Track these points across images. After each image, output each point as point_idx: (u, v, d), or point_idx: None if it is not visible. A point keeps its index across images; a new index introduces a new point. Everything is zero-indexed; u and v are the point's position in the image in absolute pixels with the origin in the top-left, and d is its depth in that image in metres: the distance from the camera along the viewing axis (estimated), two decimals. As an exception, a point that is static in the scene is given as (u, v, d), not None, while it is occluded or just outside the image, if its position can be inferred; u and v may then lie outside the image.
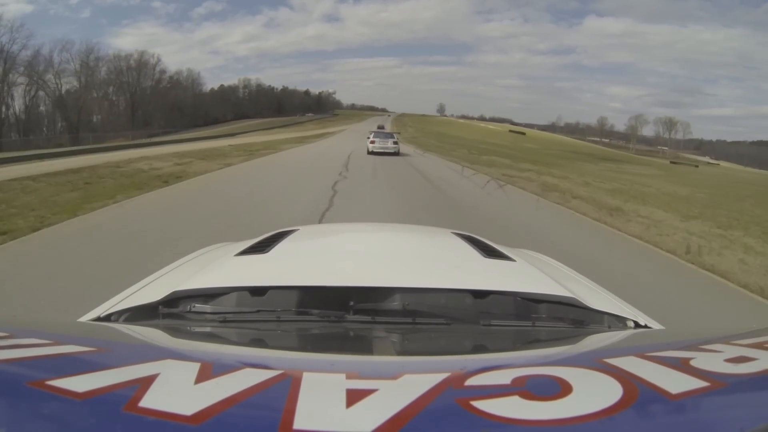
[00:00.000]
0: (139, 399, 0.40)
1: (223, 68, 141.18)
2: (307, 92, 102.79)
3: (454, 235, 1.47)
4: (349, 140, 25.82)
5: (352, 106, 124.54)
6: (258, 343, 0.86)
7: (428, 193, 8.59)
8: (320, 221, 5.29)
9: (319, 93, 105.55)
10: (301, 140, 26.69)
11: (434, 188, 9.28)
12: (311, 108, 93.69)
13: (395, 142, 18.21)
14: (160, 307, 0.91)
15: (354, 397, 0.42)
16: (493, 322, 0.88)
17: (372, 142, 17.83)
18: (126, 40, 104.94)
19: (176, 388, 0.45)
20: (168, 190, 7.72)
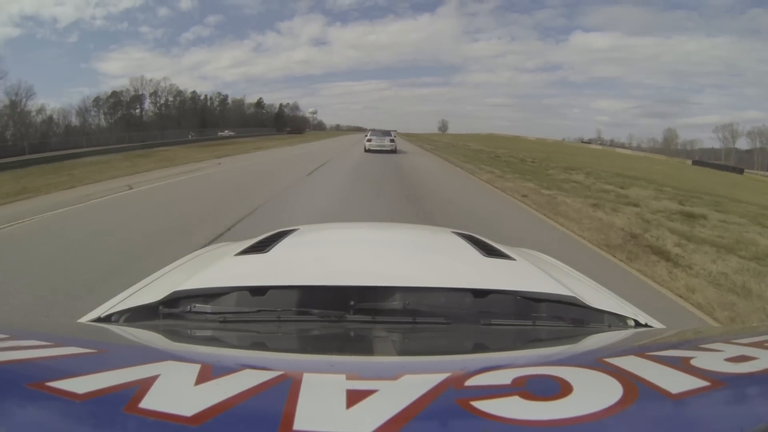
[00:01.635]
0: (140, 400, 0.40)
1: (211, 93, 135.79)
2: (259, 103, 74.31)
3: (454, 235, 1.47)
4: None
5: (337, 127, 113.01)
6: (258, 343, 0.86)
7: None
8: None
9: (280, 105, 79.27)
10: None
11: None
12: (264, 124, 66.38)
13: (392, 140, 18.85)
14: (161, 307, 0.91)
15: (354, 397, 0.42)
16: (494, 321, 0.88)
17: (369, 140, 18.71)
18: (113, 65, 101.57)
19: (176, 390, 0.45)
20: None
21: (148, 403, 0.40)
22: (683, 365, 0.52)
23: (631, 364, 0.54)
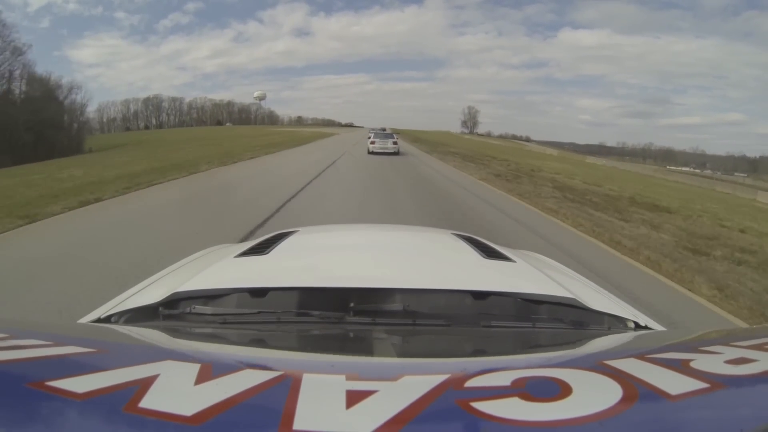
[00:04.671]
0: (139, 399, 0.40)
1: (190, 85, 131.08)
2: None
3: (454, 236, 1.47)
4: None
5: (298, 120, 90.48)
6: (258, 344, 0.86)
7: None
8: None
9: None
10: None
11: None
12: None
13: (395, 142, 18.75)
14: (161, 308, 0.91)
15: (354, 398, 0.42)
16: (493, 323, 0.88)
17: (372, 143, 18.39)
18: (85, 52, 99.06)
19: (176, 389, 0.45)
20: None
21: (147, 402, 0.40)
22: (683, 367, 0.52)
23: (631, 366, 0.54)
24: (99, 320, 0.93)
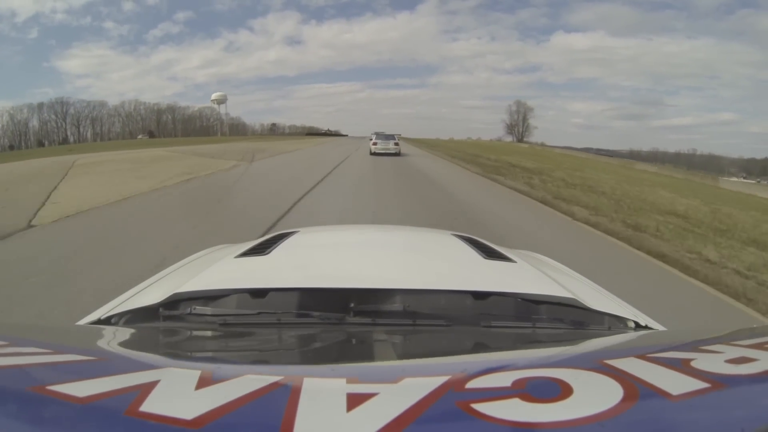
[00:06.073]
0: (140, 403, 0.41)
1: (182, 95, 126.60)
2: None
3: (454, 237, 1.47)
4: None
5: (272, 128, 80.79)
6: (259, 347, 0.86)
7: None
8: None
9: None
10: None
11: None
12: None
13: (396, 143, 19.55)
14: (161, 309, 0.91)
15: (354, 401, 0.42)
16: (494, 323, 0.88)
17: (374, 144, 19.19)
18: (73, 63, 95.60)
19: (177, 393, 0.45)
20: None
21: (148, 406, 0.40)
22: (683, 367, 0.52)
23: (632, 365, 0.54)
24: (99, 321, 0.93)
